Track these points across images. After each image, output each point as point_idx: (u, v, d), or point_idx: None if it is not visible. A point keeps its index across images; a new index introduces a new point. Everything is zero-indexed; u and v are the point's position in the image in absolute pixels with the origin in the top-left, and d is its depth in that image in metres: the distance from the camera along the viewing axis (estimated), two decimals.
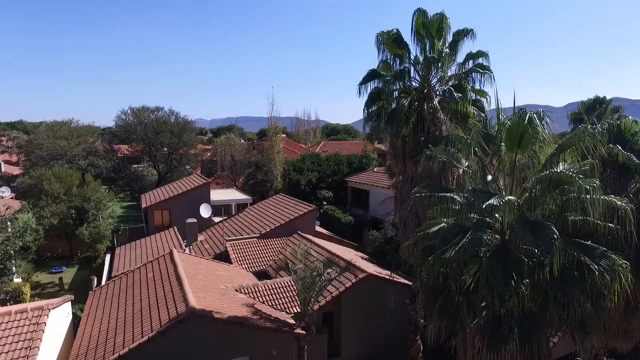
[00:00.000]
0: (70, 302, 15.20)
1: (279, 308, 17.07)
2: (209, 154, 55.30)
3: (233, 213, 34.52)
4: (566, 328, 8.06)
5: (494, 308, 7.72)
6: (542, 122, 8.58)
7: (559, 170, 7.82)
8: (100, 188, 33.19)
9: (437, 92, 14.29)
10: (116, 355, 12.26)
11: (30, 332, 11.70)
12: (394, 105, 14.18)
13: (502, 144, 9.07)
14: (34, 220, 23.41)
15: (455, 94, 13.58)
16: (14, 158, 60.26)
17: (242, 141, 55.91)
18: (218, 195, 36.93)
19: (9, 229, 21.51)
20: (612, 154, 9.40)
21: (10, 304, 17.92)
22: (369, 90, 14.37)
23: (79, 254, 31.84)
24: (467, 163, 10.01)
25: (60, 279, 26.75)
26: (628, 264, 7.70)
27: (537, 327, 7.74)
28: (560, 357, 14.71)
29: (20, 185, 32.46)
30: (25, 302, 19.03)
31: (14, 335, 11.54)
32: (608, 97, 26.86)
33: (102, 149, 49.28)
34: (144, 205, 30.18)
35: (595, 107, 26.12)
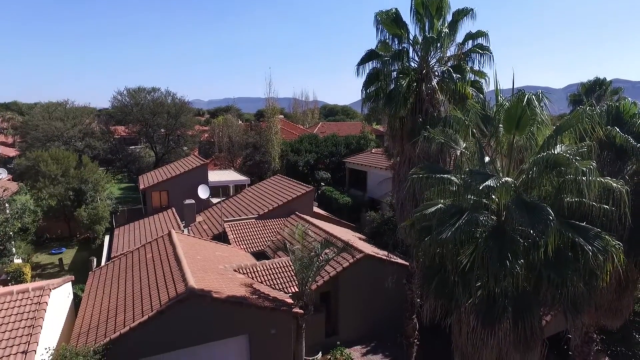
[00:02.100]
0: (70, 283, 15.36)
1: (277, 288, 17.30)
2: (206, 135, 55.04)
3: (231, 194, 34.59)
4: (559, 307, 8.22)
5: (489, 288, 7.85)
6: (541, 104, 8.55)
7: (556, 152, 7.83)
8: (98, 169, 33.14)
9: (436, 73, 14.15)
10: (117, 334, 12.48)
11: (33, 311, 11.86)
12: (392, 86, 14.05)
13: (500, 125, 9.05)
14: (32, 202, 23.43)
15: (454, 75, 13.45)
16: (10, 139, 59.82)
17: (240, 122, 55.59)
18: (216, 176, 36.93)
19: (7, 211, 21.54)
20: (610, 136, 9.40)
21: (12, 284, 18.10)
22: (367, 71, 14.22)
23: (78, 235, 32.02)
24: (464, 144, 10.00)
25: (60, 259, 26.96)
26: (621, 244, 7.80)
27: (531, 306, 7.90)
28: (551, 335, 15.05)
29: (17, 167, 32.35)
30: (26, 282, 19.21)
31: (16, 315, 11.70)
32: (608, 79, 26.64)
33: (99, 131, 48.92)
34: (141, 186, 30.18)
35: (595, 89, 25.92)
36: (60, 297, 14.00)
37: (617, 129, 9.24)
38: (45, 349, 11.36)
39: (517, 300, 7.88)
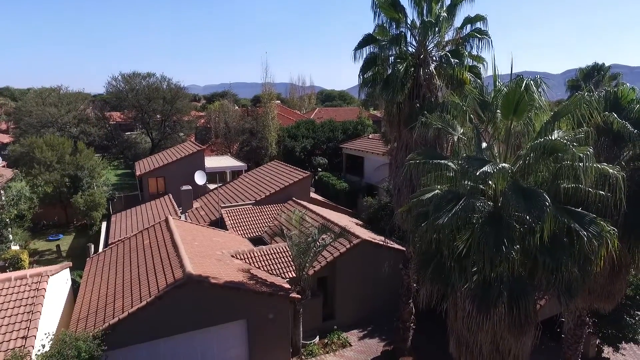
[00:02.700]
0: (68, 269, 15.40)
1: (275, 273, 17.41)
2: (202, 121, 54.67)
3: (228, 180, 34.54)
4: (553, 292, 8.31)
5: (485, 273, 7.92)
6: (539, 89, 8.51)
7: (553, 138, 7.83)
8: (94, 156, 32.94)
9: (434, 58, 14.03)
10: (116, 319, 12.57)
11: (31, 297, 11.92)
12: (389, 71, 13.95)
13: (498, 111, 9.01)
14: (28, 189, 23.34)
15: (452, 60, 13.34)
16: (3, 125, 59.26)
17: (236, 107, 55.22)
18: (212, 162, 36.82)
19: (3, 198, 21.46)
20: (608, 122, 9.38)
21: (10, 271, 18.12)
22: (364, 56, 14.09)
23: (75, 222, 32.00)
24: (462, 130, 9.97)
25: (58, 246, 26.99)
26: (615, 230, 7.86)
27: (526, 291, 7.99)
28: (545, 318, 15.29)
29: (11, 153, 32.10)
30: (24, 269, 19.25)
31: (15, 301, 11.77)
32: (607, 64, 26.54)
33: (94, 117, 48.47)
34: (138, 172, 30.06)
35: (593, 74, 25.83)
36: (58, 283, 14.06)
37: (615, 115, 9.22)
38: (45, 334, 11.45)
39: (512, 285, 7.97)
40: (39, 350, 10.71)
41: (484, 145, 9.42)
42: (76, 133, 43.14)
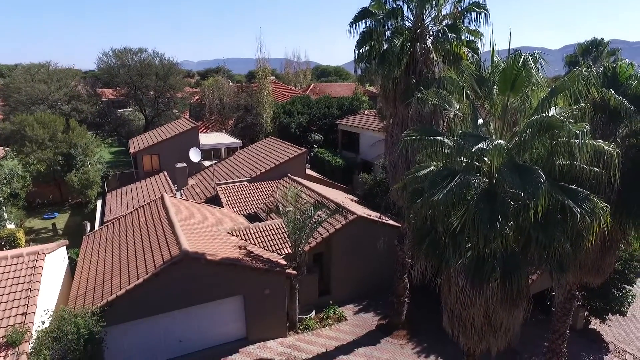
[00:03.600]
0: (65, 247, 15.44)
1: (271, 249, 17.55)
2: (196, 97, 53.95)
3: (223, 157, 34.38)
4: (545, 267, 8.46)
5: (479, 249, 8.00)
6: (537, 65, 8.41)
7: (550, 115, 7.78)
8: (86, 133, 32.54)
9: (431, 32, 13.78)
10: (114, 296, 12.70)
11: (29, 275, 11.98)
12: (385, 46, 13.71)
13: (495, 87, 8.91)
14: (20, 167, 23.11)
15: (449, 34, 13.11)
16: None
17: (231, 84, 54.42)
18: (207, 139, 36.55)
19: None
20: (605, 98, 9.32)
21: (6, 249, 18.14)
22: (360, 30, 13.82)
23: (70, 200, 31.90)
24: (458, 106, 9.89)
25: (54, 224, 26.98)
26: (608, 206, 7.93)
27: (518, 266, 8.11)
28: (536, 293, 15.62)
29: (2, 131, 31.58)
30: (21, 247, 19.27)
31: (13, 279, 11.82)
32: (606, 39, 26.18)
33: (85, 93, 47.61)
34: (132, 150, 29.82)
35: (592, 50, 25.52)
36: (55, 261, 14.10)
37: (612, 91, 9.13)
38: (44, 311, 11.57)
39: (505, 261, 8.07)
40: (38, 327, 10.85)
41: (480, 121, 9.36)
42: (68, 110, 42.48)
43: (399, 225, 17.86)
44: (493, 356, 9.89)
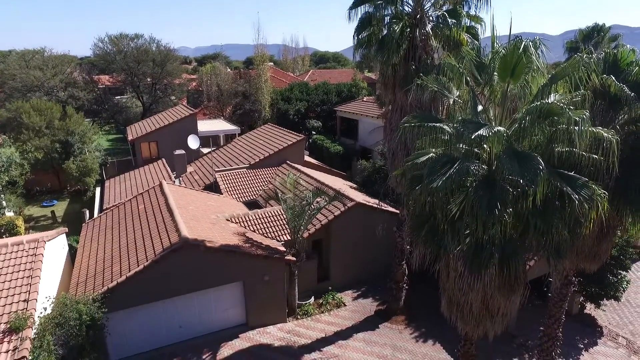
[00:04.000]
0: (64, 235, 15.48)
1: (270, 236, 17.63)
2: (194, 84, 53.54)
3: (221, 144, 34.28)
4: (543, 253, 8.53)
5: (477, 235, 8.04)
6: (538, 51, 8.34)
7: (550, 102, 7.75)
8: (84, 121, 32.37)
9: (431, 18, 13.64)
10: (114, 283, 12.79)
11: (29, 262, 12.03)
12: (385, 32, 13.59)
13: (495, 73, 8.86)
14: (18, 155, 23.03)
15: (449, 20, 12.98)
16: None
17: (228, 70, 53.91)
18: (205, 126, 36.38)
19: None
20: (605, 85, 9.27)
21: (6, 237, 18.17)
22: (359, 15, 13.67)
23: (68, 188, 31.87)
24: (458, 93, 9.84)
25: (53, 212, 26.99)
26: (606, 193, 7.96)
27: (516, 252, 8.18)
28: (534, 278, 15.78)
29: None
30: (20, 235, 19.31)
31: (14, 266, 11.88)
32: (607, 25, 25.88)
33: (82, 80, 47.17)
34: (130, 137, 29.69)
35: (593, 36, 25.24)
36: (55, 248, 14.15)
37: (613, 78, 9.07)
38: (46, 297, 11.65)
39: (503, 247, 8.13)
40: (40, 313, 10.94)
41: (480, 108, 9.33)
42: (64, 97, 42.11)
43: (397, 211, 17.92)
44: (490, 340, 10.04)
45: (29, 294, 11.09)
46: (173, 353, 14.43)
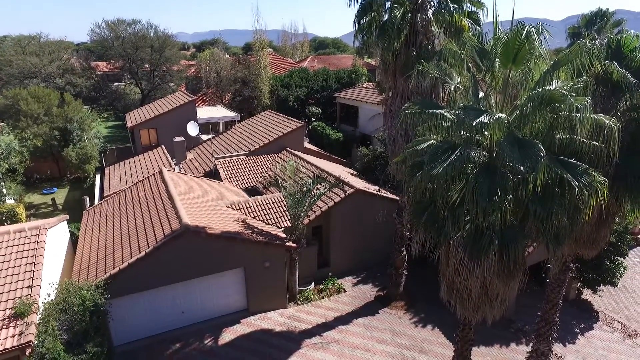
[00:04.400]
0: (66, 222, 15.55)
1: (270, 223, 17.72)
2: (193, 70, 53.12)
3: (221, 131, 34.18)
4: (542, 239, 8.58)
5: (477, 222, 8.08)
6: (540, 37, 8.27)
7: (551, 88, 7.70)
8: (82, 108, 32.20)
9: (432, 3, 13.48)
10: (116, 269, 12.90)
11: (32, 249, 12.12)
12: (385, 17, 13.46)
13: (497, 59, 8.81)
14: (17, 142, 22.97)
15: (451, 5, 12.85)
16: None
17: (227, 56, 53.43)
18: (205, 112, 36.23)
19: None
20: (607, 71, 9.20)
21: (7, 224, 18.25)
22: (359, 1, 13.52)
23: (68, 175, 31.88)
24: (459, 79, 9.78)
25: (53, 199, 27.05)
26: (606, 180, 7.98)
27: (516, 239, 8.22)
28: (532, 264, 15.91)
29: None
30: (21, 222, 19.39)
31: (16, 253, 11.98)
32: (611, 10, 25.55)
33: (79, 67, 46.77)
34: (129, 124, 29.58)
35: (596, 21, 24.91)
36: (57, 235, 14.23)
37: (616, 64, 8.99)
38: (49, 283, 11.77)
39: (503, 234, 8.18)
40: (44, 299, 11.06)
41: (481, 95, 9.30)
42: (62, 84, 41.82)
43: (397, 198, 17.99)
44: (488, 325, 10.18)
45: (32, 280, 11.21)
46: (176, 338, 14.64)
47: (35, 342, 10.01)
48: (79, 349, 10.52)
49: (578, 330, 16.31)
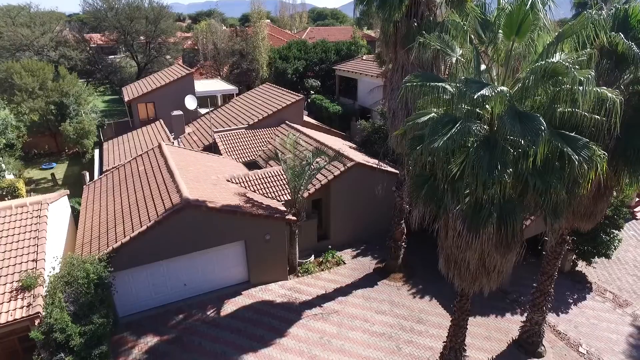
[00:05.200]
0: (66, 197, 15.62)
1: (270, 196, 17.82)
2: (189, 43, 52.19)
3: (219, 104, 33.87)
4: (540, 212, 8.67)
5: (477, 195, 8.15)
6: (545, 8, 8.10)
7: (555, 61, 7.59)
8: (78, 81, 31.75)
9: None
10: (119, 243, 13.05)
11: (35, 224, 12.23)
12: None
13: (500, 31, 8.65)
14: (13, 117, 22.78)
15: None
16: None
17: (224, 28, 52.34)
18: (202, 86, 35.79)
19: None
20: (613, 43, 9.02)
21: (8, 199, 18.33)
22: None
23: (66, 150, 31.76)
24: (461, 51, 9.63)
25: (53, 174, 27.06)
26: (606, 154, 7.98)
27: (515, 212, 8.29)
28: (530, 237, 16.14)
29: None
30: (22, 197, 19.47)
31: (19, 227, 12.11)
32: None
33: (73, 39, 45.81)
34: (126, 98, 29.25)
35: None
36: (58, 210, 14.34)
37: (622, 35, 8.79)
38: (54, 257, 11.94)
39: (502, 207, 8.25)
40: (49, 272, 11.25)
41: (483, 67, 9.18)
42: (55, 57, 41.08)
43: (397, 172, 18.04)
44: (485, 296, 10.42)
45: (37, 254, 11.37)
46: (179, 309, 14.97)
47: (44, 313, 10.26)
48: (85, 320, 10.78)
49: (571, 301, 16.71)
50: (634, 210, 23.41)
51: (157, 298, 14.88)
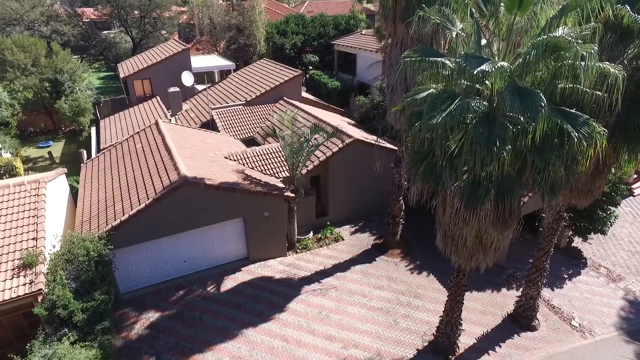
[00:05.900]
0: (64, 175, 15.57)
1: (269, 173, 17.80)
2: (185, 17, 51.00)
3: (216, 80, 33.41)
4: (538, 189, 8.67)
5: (475, 172, 8.13)
6: None
7: (557, 35, 7.43)
8: (71, 58, 31.16)
9: None
10: (118, 221, 13.09)
11: (33, 202, 12.24)
12: None
13: (502, 4, 8.44)
14: (6, 94, 22.47)
15: None
16: None
17: (221, 1, 51.06)
18: (199, 61, 35.20)
19: None
20: (618, 16, 8.79)
21: (5, 178, 18.29)
22: None
23: (63, 128, 31.48)
24: (461, 26, 9.43)
25: (50, 153, 26.90)
26: (606, 131, 7.91)
27: (512, 189, 8.30)
28: (527, 214, 16.23)
29: None
30: (20, 176, 19.42)
31: (18, 206, 12.12)
32: None
33: (64, 13, 44.63)
34: (122, 75, 28.79)
35: None
36: (57, 188, 14.32)
37: (628, 8, 8.54)
38: (53, 235, 11.99)
39: (500, 184, 8.25)
40: (50, 250, 11.33)
41: (484, 42, 9.00)
42: (47, 32, 40.16)
43: (395, 148, 17.96)
44: (481, 272, 10.55)
45: (36, 232, 11.42)
46: (179, 285, 15.18)
47: (46, 290, 10.39)
48: (87, 297, 10.93)
49: (566, 276, 16.96)
50: (632, 187, 23.47)
51: (158, 275, 15.06)
